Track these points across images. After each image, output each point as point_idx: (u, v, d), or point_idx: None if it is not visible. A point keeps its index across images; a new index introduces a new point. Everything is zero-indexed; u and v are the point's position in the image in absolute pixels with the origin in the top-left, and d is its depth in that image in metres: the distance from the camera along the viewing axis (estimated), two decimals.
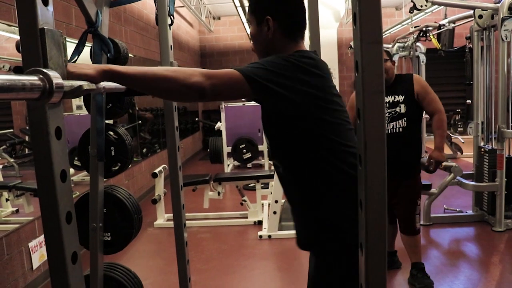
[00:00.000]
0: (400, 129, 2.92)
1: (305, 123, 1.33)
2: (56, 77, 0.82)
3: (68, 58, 1.47)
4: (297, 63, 1.31)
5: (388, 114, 2.95)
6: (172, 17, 2.02)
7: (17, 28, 0.91)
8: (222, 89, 1.22)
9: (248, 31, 8.49)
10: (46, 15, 0.89)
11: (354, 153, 1.04)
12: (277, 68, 1.28)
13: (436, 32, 6.85)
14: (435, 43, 6.89)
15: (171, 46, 2.03)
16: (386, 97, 2.94)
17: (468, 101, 7.16)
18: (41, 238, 3.44)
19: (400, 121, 2.92)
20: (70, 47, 1.46)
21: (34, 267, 3.36)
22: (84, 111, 4.33)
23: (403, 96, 2.93)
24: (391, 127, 2.94)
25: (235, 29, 11.66)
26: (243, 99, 7.80)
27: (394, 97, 2.95)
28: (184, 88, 1.16)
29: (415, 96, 2.94)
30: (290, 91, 1.26)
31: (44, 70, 0.82)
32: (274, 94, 1.25)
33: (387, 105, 2.96)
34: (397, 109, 2.92)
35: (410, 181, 3.02)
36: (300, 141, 1.36)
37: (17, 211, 3.88)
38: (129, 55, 2.01)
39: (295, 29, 1.47)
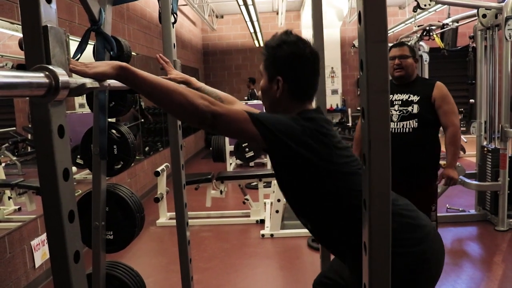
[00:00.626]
0: (410, 130, 2.79)
1: (314, 174, 1.35)
2: (62, 74, 0.82)
3: (71, 56, 1.47)
4: (303, 127, 1.33)
5: (399, 113, 2.82)
6: (175, 15, 2.02)
7: (20, 26, 0.91)
8: (224, 120, 1.24)
9: (252, 30, 8.44)
10: (49, 13, 0.89)
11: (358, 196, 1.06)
12: (286, 121, 1.33)
13: (439, 31, 6.83)
14: (438, 42, 6.87)
15: (174, 44, 2.03)
16: (400, 95, 2.85)
17: (471, 100, 7.15)
18: (44, 236, 3.45)
19: (411, 121, 2.79)
20: (73, 45, 1.46)
21: (37, 265, 3.36)
22: (86, 109, 4.33)
23: (419, 97, 2.80)
24: (400, 126, 2.81)
25: (238, 28, 11.65)
26: (246, 101, 7.79)
27: (409, 96, 2.82)
28: (189, 105, 1.19)
29: (432, 100, 2.80)
30: (297, 142, 1.30)
31: (50, 67, 0.81)
32: (282, 142, 1.29)
33: (399, 103, 2.84)
34: (409, 108, 2.79)
35: (422, 186, 2.86)
36: (314, 193, 1.39)
37: (19, 209, 3.89)
38: (132, 53, 2.01)
39: (304, 93, 1.48)
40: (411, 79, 2.90)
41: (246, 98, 9.54)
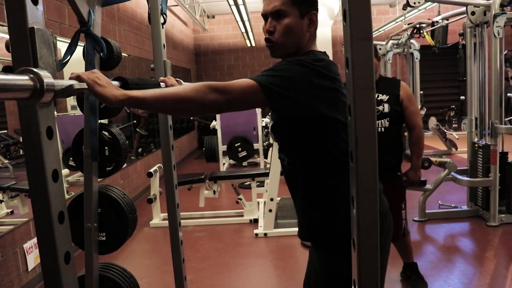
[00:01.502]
0: (383, 129, 2.81)
1: (317, 123, 1.36)
2: (46, 77, 0.82)
3: (61, 57, 1.47)
4: (311, 66, 1.32)
5: None
6: (164, 16, 2.02)
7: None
8: (238, 102, 1.26)
9: (243, 30, 8.40)
10: (35, 15, 0.89)
11: None
12: (291, 73, 1.29)
13: (429, 29, 6.88)
14: (428, 40, 6.92)
15: (164, 45, 2.03)
16: None
17: (462, 97, 7.20)
18: (36, 239, 3.43)
19: (382, 120, 2.82)
20: (63, 46, 1.46)
21: (29, 268, 3.34)
22: (79, 111, 4.31)
23: (387, 96, 2.83)
24: None
25: (229, 28, 11.64)
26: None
27: (378, 96, 2.83)
28: (202, 107, 1.19)
29: (399, 99, 2.84)
30: (304, 95, 1.29)
31: (35, 70, 0.81)
32: (289, 100, 1.28)
33: None
34: (380, 107, 2.82)
35: (394, 183, 2.87)
36: (311, 139, 1.40)
37: (12, 212, 3.86)
38: (123, 54, 2.01)
39: (316, 27, 1.51)
40: (376, 78, 2.92)
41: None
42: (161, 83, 1.69)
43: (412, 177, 2.93)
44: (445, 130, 8.07)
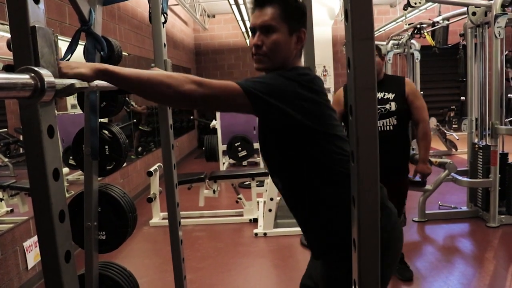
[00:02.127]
0: (391, 127, 2.84)
1: (302, 135, 1.35)
2: (47, 76, 0.82)
3: (62, 56, 1.47)
4: (296, 79, 1.32)
5: (378, 111, 2.85)
6: (165, 15, 2.02)
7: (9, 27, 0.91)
8: (216, 100, 1.23)
9: (244, 29, 8.39)
10: (37, 13, 0.89)
11: (347, 161, 1.04)
12: (276, 82, 1.29)
13: (430, 29, 6.87)
14: (429, 40, 6.92)
15: (164, 44, 2.02)
16: None
17: (462, 98, 7.20)
18: (36, 237, 3.43)
19: (390, 119, 2.84)
20: (64, 45, 1.46)
21: (29, 266, 3.34)
22: (79, 110, 4.31)
23: (394, 94, 2.86)
24: (381, 125, 2.85)
25: (229, 27, 11.64)
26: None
27: (384, 94, 2.87)
28: (176, 94, 1.16)
29: (405, 96, 2.87)
30: (287, 104, 1.28)
31: (35, 69, 0.81)
32: (272, 107, 1.27)
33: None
34: (387, 106, 2.84)
35: (398, 182, 2.94)
36: (299, 153, 1.39)
37: (11, 210, 3.86)
38: (123, 53, 2.01)
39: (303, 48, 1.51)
40: (380, 77, 2.94)
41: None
42: None
43: (423, 170, 2.97)
44: (445, 131, 8.07)
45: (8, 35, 3.48)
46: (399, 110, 2.84)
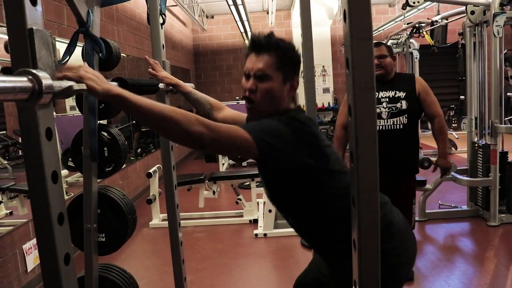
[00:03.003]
0: (401, 126, 2.83)
1: (305, 174, 1.39)
2: (45, 78, 0.82)
3: (60, 58, 1.47)
4: (293, 123, 1.37)
5: (388, 110, 2.84)
6: (163, 16, 2.02)
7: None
8: (224, 145, 1.25)
9: (242, 30, 8.37)
10: (34, 15, 0.88)
11: (347, 194, 1.09)
12: (278, 128, 1.33)
13: (429, 28, 6.87)
14: (428, 39, 6.92)
15: (163, 45, 2.02)
16: (385, 92, 2.87)
17: (462, 96, 7.20)
18: (35, 240, 3.42)
19: (401, 117, 2.83)
20: (62, 47, 1.46)
21: (29, 269, 3.34)
22: (78, 112, 4.31)
23: (404, 93, 2.85)
24: (391, 123, 2.84)
25: (228, 28, 11.64)
26: (237, 100, 7.80)
27: (395, 93, 2.85)
28: (185, 134, 1.17)
29: (416, 94, 2.88)
30: (290, 147, 1.32)
31: (33, 71, 0.81)
32: (278, 151, 1.30)
33: (387, 100, 2.85)
34: (398, 105, 2.82)
35: (407, 181, 2.95)
36: (303, 192, 1.43)
37: (11, 213, 3.86)
38: (122, 54, 2.01)
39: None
40: (390, 76, 2.93)
41: (237, 98, 9.52)
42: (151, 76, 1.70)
43: (443, 164, 2.99)
44: None
45: (6, 37, 3.48)
46: (410, 108, 2.84)
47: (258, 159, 1.34)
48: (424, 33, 6.88)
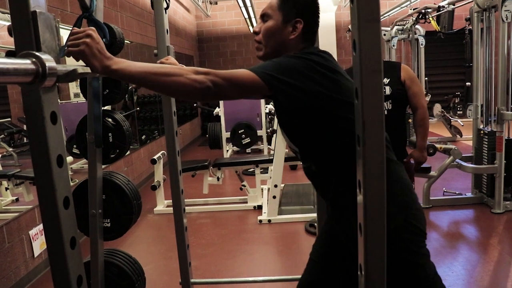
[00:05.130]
0: (386, 112, 2.80)
1: (324, 108, 1.35)
2: (49, 61, 0.81)
3: (64, 44, 1.46)
4: (307, 57, 1.34)
5: None
6: (167, 0, 2.00)
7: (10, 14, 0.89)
8: (231, 88, 1.24)
9: (246, 16, 8.32)
10: None
11: None
12: (289, 63, 1.32)
13: (435, 14, 6.79)
14: (434, 25, 6.85)
15: (167, 30, 2.01)
16: None
17: (468, 83, 7.14)
18: (42, 226, 3.45)
19: (385, 103, 2.82)
20: (66, 33, 1.45)
21: (35, 254, 3.37)
22: (81, 99, 4.31)
23: (388, 79, 2.86)
24: None
25: (232, 14, 11.56)
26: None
27: None
28: (190, 87, 1.17)
29: (401, 81, 2.85)
30: (305, 81, 1.30)
31: (37, 54, 0.80)
32: (290, 87, 1.28)
33: None
34: None
35: None
36: (324, 128, 1.39)
37: (17, 199, 3.89)
38: (125, 41, 2.00)
39: (313, 34, 1.53)
40: None
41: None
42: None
43: (417, 158, 2.91)
44: (449, 117, 8.03)
45: (8, 24, 3.47)
46: (393, 94, 2.83)
47: (272, 96, 1.32)
48: (430, 19, 6.80)
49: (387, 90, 2.84)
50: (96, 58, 1.08)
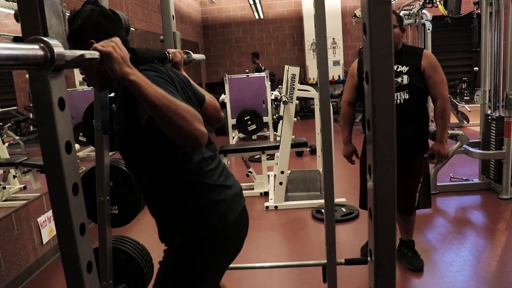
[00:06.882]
0: (402, 101, 2.71)
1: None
2: (57, 46, 0.80)
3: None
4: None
5: None
6: None
7: (15, 3, 0.89)
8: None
9: (251, 2, 8.18)
10: None
11: None
12: None
13: None
14: (441, 9, 6.76)
15: (173, 16, 1.99)
16: None
17: (475, 68, 7.07)
18: (50, 213, 3.48)
19: (401, 92, 2.71)
20: None
21: (44, 241, 3.40)
22: (86, 87, 4.31)
23: (407, 67, 2.72)
24: None
25: (237, 0, 11.47)
26: (247, 73, 7.75)
27: (397, 67, 2.73)
28: (188, 132, 1.19)
29: (421, 70, 2.72)
30: None
31: (45, 39, 0.80)
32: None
33: None
34: (399, 79, 2.70)
35: (414, 158, 2.81)
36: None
37: (24, 187, 3.92)
38: (131, 28, 1.98)
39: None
40: (397, 48, 2.77)
41: (247, 71, 9.44)
42: (169, 55, 1.65)
43: (438, 151, 2.79)
44: (456, 103, 7.97)
45: (12, 12, 3.46)
46: (411, 84, 2.70)
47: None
48: (438, 3, 6.71)
49: (405, 79, 2.70)
50: (119, 62, 1.13)
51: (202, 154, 1.46)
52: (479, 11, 4.60)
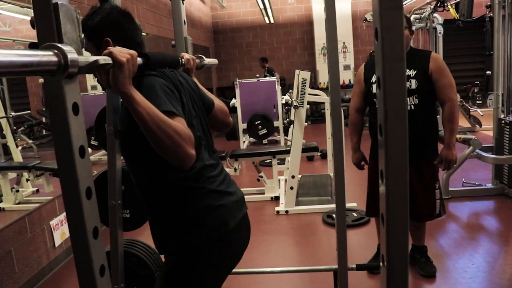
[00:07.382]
0: (412, 107, 2.65)
1: None
2: (70, 52, 0.82)
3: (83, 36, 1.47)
4: None
5: None
6: None
7: (31, 9, 0.90)
8: None
9: (262, 6, 8.22)
10: None
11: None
12: None
13: (454, 1, 6.66)
14: (453, 13, 6.72)
15: (184, 21, 2.01)
16: None
17: (488, 72, 7.01)
18: (62, 216, 3.51)
19: (410, 97, 2.66)
20: None
21: (56, 244, 3.43)
22: (99, 91, 4.35)
23: (415, 71, 2.66)
24: None
25: (247, 5, 11.51)
26: (258, 78, 7.76)
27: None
28: (178, 154, 1.21)
29: (429, 73, 2.66)
30: None
31: (59, 45, 0.81)
32: None
33: None
34: (407, 84, 2.63)
35: (425, 164, 2.75)
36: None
37: (37, 191, 3.96)
38: (142, 33, 2.00)
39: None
40: (405, 51, 2.74)
41: (257, 75, 9.46)
42: (181, 59, 1.67)
43: (446, 156, 2.72)
44: (469, 107, 7.90)
45: (28, 18, 3.51)
46: (419, 88, 2.65)
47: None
48: (449, 6, 6.67)
49: (413, 84, 2.65)
50: (124, 75, 1.14)
51: (203, 162, 1.46)
52: (492, 14, 4.57)
